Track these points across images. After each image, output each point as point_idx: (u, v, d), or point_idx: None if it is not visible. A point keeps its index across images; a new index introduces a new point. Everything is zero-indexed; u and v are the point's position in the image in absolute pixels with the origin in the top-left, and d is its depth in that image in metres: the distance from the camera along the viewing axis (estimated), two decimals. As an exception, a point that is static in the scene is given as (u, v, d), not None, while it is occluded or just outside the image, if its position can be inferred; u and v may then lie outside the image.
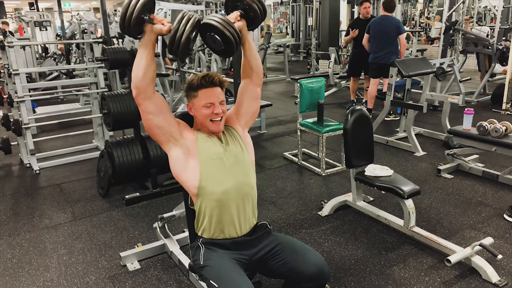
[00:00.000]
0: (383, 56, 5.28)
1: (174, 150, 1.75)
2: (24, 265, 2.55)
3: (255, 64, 1.85)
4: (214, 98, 1.75)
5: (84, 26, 8.58)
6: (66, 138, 5.01)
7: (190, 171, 1.74)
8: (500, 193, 3.33)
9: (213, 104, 1.74)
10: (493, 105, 6.10)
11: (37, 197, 3.55)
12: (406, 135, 4.54)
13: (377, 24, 5.45)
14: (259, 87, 1.92)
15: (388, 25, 5.33)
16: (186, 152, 1.74)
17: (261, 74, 1.90)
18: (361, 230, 2.84)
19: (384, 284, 2.26)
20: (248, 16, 1.75)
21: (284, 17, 17.35)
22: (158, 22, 1.60)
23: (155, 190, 3.37)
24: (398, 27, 5.32)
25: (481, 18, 14.09)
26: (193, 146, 1.75)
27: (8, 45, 4.06)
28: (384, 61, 5.19)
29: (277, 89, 8.21)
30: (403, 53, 5.43)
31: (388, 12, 5.40)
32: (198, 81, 1.75)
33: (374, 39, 5.44)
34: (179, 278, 2.36)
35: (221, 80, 1.78)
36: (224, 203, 1.74)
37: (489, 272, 2.25)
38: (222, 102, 1.77)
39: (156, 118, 1.70)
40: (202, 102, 1.75)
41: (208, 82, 1.75)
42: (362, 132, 2.81)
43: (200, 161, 1.73)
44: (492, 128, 3.31)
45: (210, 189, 1.73)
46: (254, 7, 1.72)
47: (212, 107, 1.74)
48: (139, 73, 1.63)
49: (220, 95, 1.77)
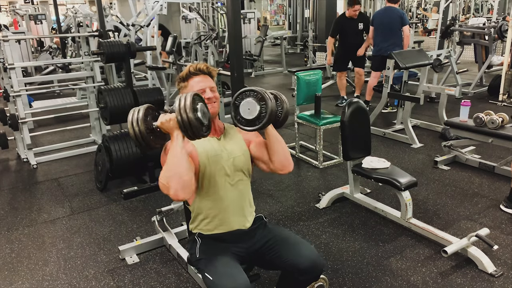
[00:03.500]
0: (387, 48, 5.15)
1: None
2: (23, 259, 2.55)
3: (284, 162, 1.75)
4: (203, 84, 1.75)
5: (79, 20, 8.52)
6: (63, 133, 4.99)
7: None
8: (497, 184, 3.35)
9: (203, 90, 1.74)
10: (490, 97, 6.10)
11: (35, 191, 3.55)
12: (403, 127, 4.55)
13: (381, 15, 5.38)
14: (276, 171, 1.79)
15: (392, 16, 5.25)
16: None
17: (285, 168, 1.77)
18: (358, 222, 2.86)
19: (381, 275, 2.28)
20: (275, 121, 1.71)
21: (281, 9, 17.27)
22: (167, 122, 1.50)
23: (153, 184, 3.38)
24: (402, 18, 5.26)
25: (478, 9, 14.06)
26: (194, 150, 1.72)
27: (3, 39, 4.03)
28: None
29: (274, 82, 8.19)
30: (406, 44, 5.36)
31: (392, 3, 5.32)
32: (186, 71, 1.77)
33: (377, 31, 5.36)
34: (178, 271, 2.38)
35: (210, 68, 1.79)
36: (220, 204, 1.73)
37: (485, 263, 2.27)
38: (213, 89, 1.77)
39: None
40: (193, 89, 1.72)
41: (196, 70, 1.76)
42: (359, 125, 2.81)
43: (199, 162, 1.71)
44: (489, 120, 3.32)
45: (206, 190, 1.72)
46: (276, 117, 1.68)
47: (203, 93, 1.72)
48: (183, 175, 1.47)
49: (209, 82, 1.77)
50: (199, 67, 1.77)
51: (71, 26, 9.34)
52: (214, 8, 12.32)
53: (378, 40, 5.39)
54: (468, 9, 13.52)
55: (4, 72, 4.16)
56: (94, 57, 4.49)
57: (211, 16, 13.29)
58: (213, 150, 1.74)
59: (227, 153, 1.75)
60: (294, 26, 13.45)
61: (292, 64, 9.54)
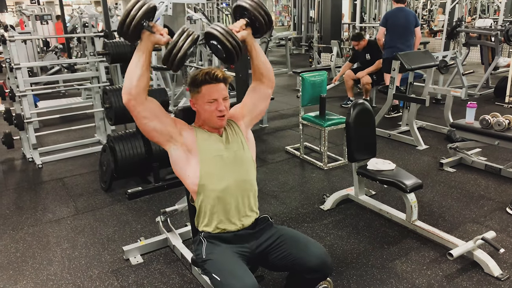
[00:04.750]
0: (403, 50, 4.91)
1: (174, 149, 1.75)
2: (28, 259, 2.56)
3: (264, 69, 1.86)
4: (217, 94, 1.73)
5: (85, 20, 8.55)
6: (68, 133, 5.01)
7: (191, 169, 1.74)
8: (503, 186, 3.33)
9: (216, 100, 1.73)
10: (496, 98, 6.07)
11: (40, 191, 3.56)
12: (408, 128, 4.53)
13: (395, 16, 5.23)
14: (270, 89, 1.92)
15: (406, 17, 5.18)
16: (186, 151, 1.75)
17: (272, 77, 1.90)
18: (363, 224, 2.84)
19: (386, 278, 2.26)
20: (254, 25, 1.77)
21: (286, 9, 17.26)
22: (157, 31, 1.59)
23: (157, 184, 3.38)
24: (416, 18, 5.22)
25: (484, 10, 13.97)
26: (193, 145, 1.75)
27: (10, 39, 4.05)
28: None
29: (279, 83, 8.18)
30: (417, 46, 5.33)
31: (401, 4, 5.26)
32: (201, 76, 1.73)
33: (391, 32, 5.23)
34: (182, 272, 2.37)
35: (225, 76, 1.76)
36: (224, 200, 1.75)
37: (491, 266, 2.25)
38: (226, 98, 1.76)
39: (151, 122, 1.69)
40: (205, 98, 1.73)
41: (212, 78, 1.72)
42: (365, 126, 2.80)
43: (200, 159, 1.74)
44: (495, 122, 3.29)
45: (210, 187, 1.73)
46: (259, 18, 1.74)
47: (215, 104, 1.73)
48: (133, 80, 1.60)
49: (223, 91, 1.76)
50: (216, 74, 1.73)
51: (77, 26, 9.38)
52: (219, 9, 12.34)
53: (393, 41, 5.24)
54: (474, 10, 13.44)
55: (10, 72, 4.19)
56: (100, 58, 4.50)
57: (216, 17, 13.31)
58: (214, 145, 1.77)
59: (229, 148, 1.79)
60: (299, 26, 13.44)
61: (297, 65, 9.53)
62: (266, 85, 1.89)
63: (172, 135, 1.73)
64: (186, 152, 1.74)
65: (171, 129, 1.73)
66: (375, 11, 10.27)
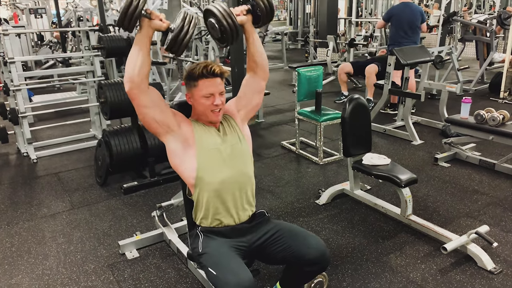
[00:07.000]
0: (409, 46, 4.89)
1: (172, 141, 1.75)
2: (23, 253, 2.56)
3: (259, 59, 1.85)
4: (214, 89, 1.73)
5: (79, 14, 8.49)
6: (63, 127, 4.99)
7: (188, 162, 1.74)
8: (497, 181, 3.35)
9: (213, 95, 1.73)
10: (491, 94, 6.10)
11: (35, 186, 3.55)
12: (403, 123, 4.54)
13: (402, 12, 5.13)
14: (264, 81, 1.91)
15: (413, 13, 5.10)
16: (184, 143, 1.74)
17: (266, 68, 1.90)
18: (358, 218, 2.86)
19: (380, 272, 2.28)
20: (255, 13, 1.77)
21: (282, 4, 17.21)
22: (156, 17, 1.59)
23: (153, 179, 3.38)
24: (423, 14, 5.14)
25: (480, 6, 14.00)
26: (191, 137, 1.75)
27: (3, 33, 4.01)
28: None
29: (275, 78, 8.17)
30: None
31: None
32: (198, 70, 1.72)
33: (397, 28, 5.16)
34: (178, 266, 2.38)
35: (222, 70, 1.76)
36: (221, 193, 1.75)
37: (484, 260, 2.27)
38: (222, 93, 1.76)
39: (151, 112, 1.68)
40: (202, 92, 1.73)
41: (209, 72, 1.72)
42: (360, 121, 2.81)
43: (197, 152, 1.74)
44: (490, 117, 3.31)
45: (208, 180, 1.73)
46: (261, 6, 1.74)
47: (212, 98, 1.73)
48: (136, 68, 1.60)
49: (220, 86, 1.76)
50: (213, 69, 1.73)
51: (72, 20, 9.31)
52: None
53: (398, 37, 5.16)
54: (470, 6, 13.45)
55: (4, 66, 4.15)
56: (95, 52, 4.47)
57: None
58: (212, 138, 1.77)
59: (226, 141, 1.79)
60: (295, 21, 13.41)
61: (293, 60, 9.52)
62: (260, 76, 1.88)
63: (171, 126, 1.73)
64: (183, 144, 1.74)
65: (170, 120, 1.73)
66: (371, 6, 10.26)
